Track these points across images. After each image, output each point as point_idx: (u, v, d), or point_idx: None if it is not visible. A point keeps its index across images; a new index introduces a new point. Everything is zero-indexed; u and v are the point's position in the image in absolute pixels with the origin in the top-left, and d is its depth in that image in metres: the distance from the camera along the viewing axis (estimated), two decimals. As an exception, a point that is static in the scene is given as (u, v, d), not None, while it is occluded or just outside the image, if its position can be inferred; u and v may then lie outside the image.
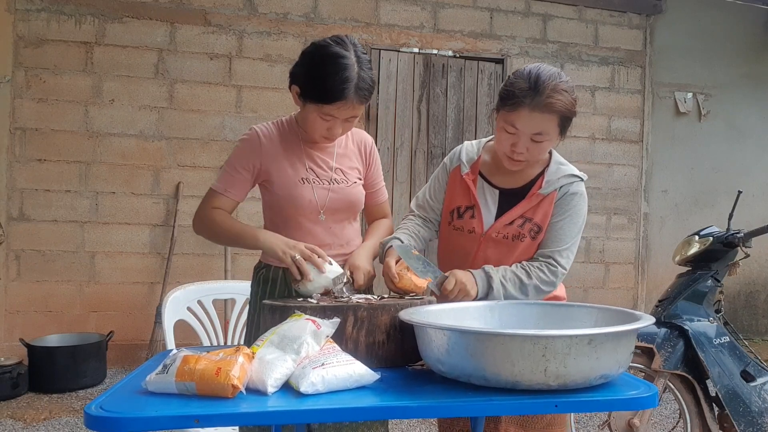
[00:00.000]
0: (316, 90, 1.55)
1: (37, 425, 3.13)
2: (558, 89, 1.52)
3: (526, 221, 1.63)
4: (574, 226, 1.64)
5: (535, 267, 1.59)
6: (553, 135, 1.57)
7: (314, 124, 1.61)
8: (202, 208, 1.69)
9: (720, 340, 2.46)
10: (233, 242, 1.69)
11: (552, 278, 1.59)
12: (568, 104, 1.54)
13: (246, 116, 4.28)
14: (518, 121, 1.53)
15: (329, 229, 1.70)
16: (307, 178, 1.67)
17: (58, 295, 4.04)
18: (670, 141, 5.18)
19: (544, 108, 1.51)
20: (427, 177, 4.60)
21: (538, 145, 1.56)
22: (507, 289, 1.55)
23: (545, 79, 1.52)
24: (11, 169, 3.98)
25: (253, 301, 1.77)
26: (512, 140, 1.57)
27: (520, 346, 1.04)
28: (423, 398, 1.08)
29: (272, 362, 1.09)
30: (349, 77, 1.52)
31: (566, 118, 1.56)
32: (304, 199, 1.65)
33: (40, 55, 4.00)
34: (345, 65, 1.52)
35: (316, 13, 4.43)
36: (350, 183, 1.73)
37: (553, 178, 1.65)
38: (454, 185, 1.73)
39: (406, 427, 3.29)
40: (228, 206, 1.68)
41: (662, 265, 5.04)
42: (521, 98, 1.51)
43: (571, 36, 4.96)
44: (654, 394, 1.10)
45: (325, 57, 1.54)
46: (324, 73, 1.53)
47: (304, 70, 1.58)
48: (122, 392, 1.09)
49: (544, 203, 1.63)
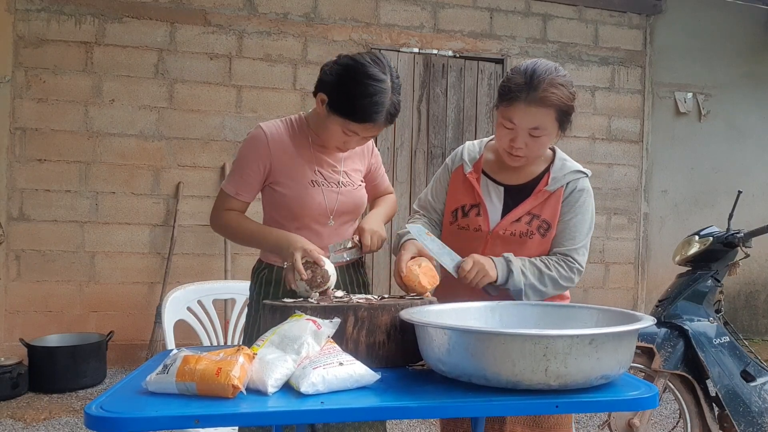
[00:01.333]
0: (347, 107, 1.54)
1: (37, 425, 3.13)
2: (554, 83, 1.53)
3: (533, 218, 1.62)
4: (585, 223, 1.64)
5: (553, 261, 1.60)
6: (552, 130, 1.57)
7: (334, 135, 1.61)
8: (217, 209, 1.71)
9: (720, 340, 2.46)
10: (254, 245, 1.71)
11: (570, 274, 1.59)
12: (565, 98, 1.54)
13: (246, 116, 4.28)
14: (515, 116, 1.54)
15: (335, 230, 1.71)
16: (316, 180, 1.67)
17: (58, 295, 4.04)
18: (670, 141, 5.18)
19: (539, 102, 1.52)
20: (427, 177, 4.61)
21: (537, 140, 1.56)
22: (527, 277, 1.54)
23: (541, 73, 1.53)
24: (11, 169, 3.98)
25: (253, 304, 1.75)
26: (511, 135, 1.57)
27: (521, 346, 1.04)
28: (423, 398, 1.08)
29: (273, 362, 1.09)
30: (383, 102, 1.52)
31: (564, 113, 1.56)
32: (314, 202, 1.65)
33: (40, 55, 4.00)
34: (382, 90, 1.52)
35: (316, 13, 4.43)
36: (356, 186, 1.74)
37: (559, 174, 1.65)
38: (456, 185, 1.72)
39: (406, 427, 3.29)
40: (241, 207, 1.70)
41: (662, 265, 5.04)
42: (517, 93, 1.53)
43: (571, 36, 4.96)
44: (654, 395, 1.10)
45: (363, 77, 1.52)
46: (359, 93, 1.51)
47: (337, 83, 1.55)
48: (122, 392, 1.09)
49: (551, 200, 1.63)
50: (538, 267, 1.57)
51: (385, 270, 4.63)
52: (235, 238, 1.71)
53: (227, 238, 1.80)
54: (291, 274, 1.47)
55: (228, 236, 1.75)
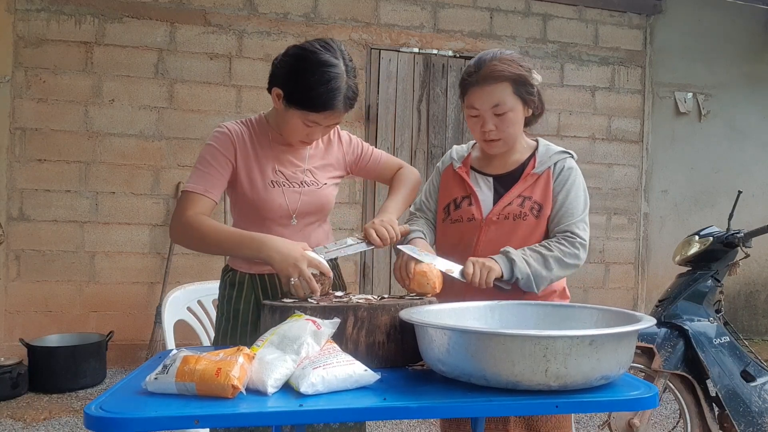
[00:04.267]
0: (304, 98, 1.51)
1: (37, 425, 3.13)
2: (499, 59, 1.61)
3: (525, 199, 1.65)
4: (579, 199, 1.66)
5: (554, 241, 1.61)
6: (513, 104, 1.61)
7: (295, 129, 1.57)
8: (181, 214, 1.52)
9: (720, 340, 2.46)
10: (228, 252, 1.57)
11: (573, 249, 1.59)
12: (514, 69, 1.60)
13: (246, 116, 4.26)
14: (475, 100, 1.62)
15: (300, 232, 1.65)
16: (276, 181, 1.62)
17: (58, 295, 4.04)
18: (670, 141, 5.18)
19: (489, 79, 1.59)
20: (427, 177, 4.59)
21: (504, 118, 1.61)
22: (530, 264, 1.55)
23: (485, 57, 1.63)
24: (11, 169, 3.98)
25: (220, 305, 1.72)
26: (479, 123, 1.64)
27: (521, 346, 1.03)
28: (423, 398, 1.08)
29: (272, 363, 1.09)
30: (339, 88, 1.49)
31: (520, 84, 1.61)
32: (274, 203, 1.61)
33: (40, 55, 4.00)
34: (336, 75, 1.49)
35: (316, 13, 4.43)
36: (321, 185, 1.68)
37: (545, 157, 1.69)
38: (447, 181, 1.77)
39: (406, 427, 3.29)
40: (209, 209, 1.55)
41: (662, 265, 5.04)
42: (469, 80, 1.62)
43: (571, 36, 4.96)
44: (654, 395, 1.09)
45: (315, 65, 1.49)
46: (314, 82, 1.48)
47: (290, 75, 1.52)
48: (122, 392, 1.09)
49: (540, 182, 1.66)
50: (539, 251, 1.58)
51: (385, 270, 4.63)
52: (209, 245, 1.52)
53: (195, 246, 1.54)
54: (301, 289, 1.39)
55: (197, 243, 1.52)
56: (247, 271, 1.67)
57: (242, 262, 1.67)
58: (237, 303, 1.67)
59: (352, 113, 4.38)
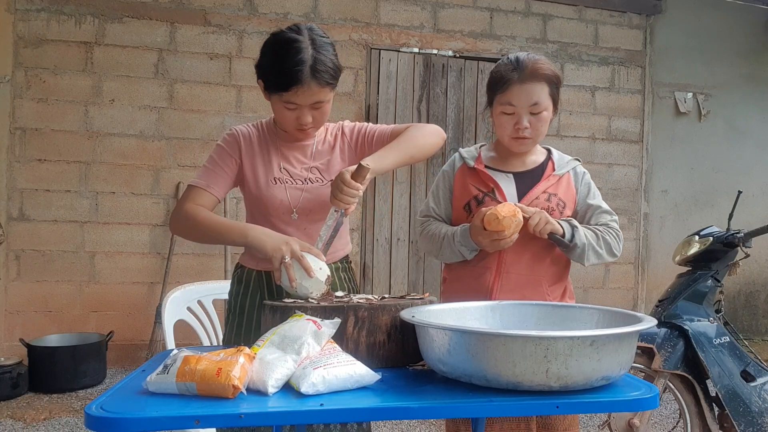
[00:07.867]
0: (273, 79, 1.53)
1: (37, 425, 3.12)
2: (538, 60, 1.66)
3: (551, 196, 1.70)
4: (601, 198, 1.79)
5: (604, 228, 1.69)
6: (548, 105, 1.66)
7: (282, 116, 1.59)
8: (181, 205, 1.60)
9: (720, 340, 2.46)
10: (218, 239, 1.61)
11: (617, 243, 1.70)
12: (553, 71, 1.66)
13: (246, 116, 4.28)
14: (513, 97, 1.64)
15: (303, 229, 1.66)
16: (279, 178, 1.65)
17: (58, 295, 4.04)
18: (670, 141, 5.18)
19: (532, 77, 1.63)
20: (428, 177, 4.60)
21: (538, 118, 1.65)
22: (589, 238, 1.63)
23: (524, 57, 1.67)
24: (11, 169, 3.98)
25: (229, 302, 1.76)
26: (513, 120, 1.66)
27: (522, 347, 1.03)
28: (424, 399, 1.08)
29: (273, 363, 1.09)
30: (302, 59, 1.48)
31: (555, 86, 1.67)
32: (275, 199, 1.63)
33: (40, 55, 4.00)
34: (297, 48, 1.49)
35: (316, 13, 4.43)
36: (325, 182, 1.68)
37: (562, 162, 1.76)
38: (463, 181, 1.76)
39: (407, 427, 3.29)
40: (210, 204, 1.61)
41: (662, 265, 5.04)
42: (510, 76, 1.64)
43: (571, 36, 4.96)
44: (655, 396, 1.09)
45: (278, 45, 1.51)
46: (279, 61, 1.49)
47: (262, 63, 1.56)
48: (122, 392, 1.09)
49: (562, 182, 1.73)
50: (594, 231, 1.67)
51: (385, 270, 4.63)
52: (201, 234, 1.58)
53: (190, 235, 1.62)
54: (292, 270, 1.42)
55: (192, 232, 1.59)
56: (254, 267, 1.68)
57: (250, 258, 1.69)
58: (243, 300, 1.70)
59: (352, 113, 4.38)
